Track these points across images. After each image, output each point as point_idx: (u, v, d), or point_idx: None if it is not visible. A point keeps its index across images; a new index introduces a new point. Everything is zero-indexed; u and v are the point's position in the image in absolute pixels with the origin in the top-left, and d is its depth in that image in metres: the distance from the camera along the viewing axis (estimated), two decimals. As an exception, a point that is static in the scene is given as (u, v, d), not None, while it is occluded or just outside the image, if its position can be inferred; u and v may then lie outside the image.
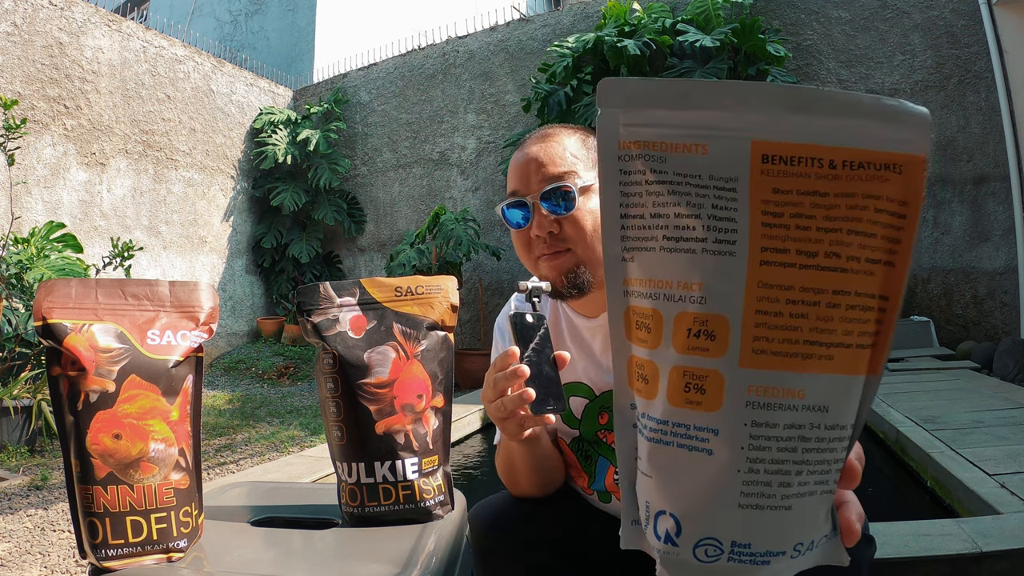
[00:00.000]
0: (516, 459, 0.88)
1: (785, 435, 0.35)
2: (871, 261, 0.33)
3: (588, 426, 0.93)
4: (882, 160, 0.32)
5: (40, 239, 3.73)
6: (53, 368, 0.72)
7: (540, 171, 0.84)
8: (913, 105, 0.31)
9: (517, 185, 0.86)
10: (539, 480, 0.92)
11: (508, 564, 0.87)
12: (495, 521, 0.89)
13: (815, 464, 0.36)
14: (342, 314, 0.91)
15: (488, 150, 6.67)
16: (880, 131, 0.31)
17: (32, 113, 5.04)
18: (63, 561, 1.85)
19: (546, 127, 0.92)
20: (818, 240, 0.32)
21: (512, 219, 0.87)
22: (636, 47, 4.95)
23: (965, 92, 4.94)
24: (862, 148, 0.31)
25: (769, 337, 0.33)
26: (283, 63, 8.66)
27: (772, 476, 0.35)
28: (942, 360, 4.24)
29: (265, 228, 7.23)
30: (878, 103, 0.31)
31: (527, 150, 0.87)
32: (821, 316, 0.33)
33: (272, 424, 3.94)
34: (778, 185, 0.32)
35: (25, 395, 3.19)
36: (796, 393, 0.34)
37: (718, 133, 0.32)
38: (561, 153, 0.85)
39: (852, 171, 0.32)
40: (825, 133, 0.31)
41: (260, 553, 0.78)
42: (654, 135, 0.33)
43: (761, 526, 0.36)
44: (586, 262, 0.84)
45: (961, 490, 1.77)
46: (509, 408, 0.70)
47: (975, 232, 4.90)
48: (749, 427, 0.35)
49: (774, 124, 0.31)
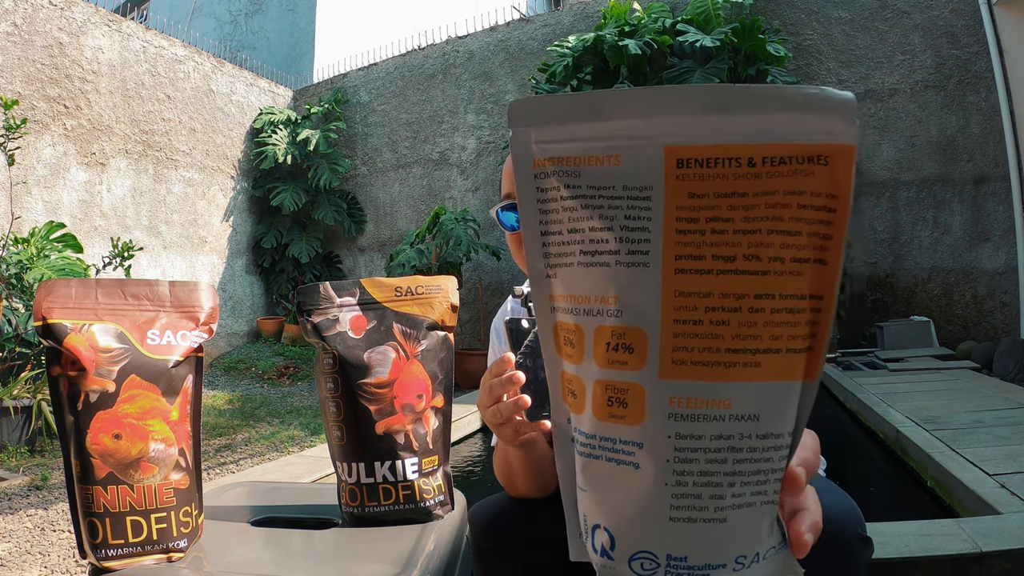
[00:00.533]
0: (513, 463, 0.89)
1: (713, 446, 0.34)
2: (798, 260, 0.31)
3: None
4: (805, 153, 0.30)
5: (40, 239, 3.73)
6: (53, 368, 0.72)
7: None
8: (836, 91, 0.29)
9: (511, 187, 0.87)
10: (536, 482, 0.92)
11: (507, 564, 0.87)
12: (494, 521, 0.89)
13: (749, 475, 0.35)
14: (342, 314, 0.91)
15: (488, 150, 6.67)
16: (802, 123, 0.30)
17: (32, 113, 5.04)
18: (63, 561, 1.85)
19: None
20: (735, 243, 0.31)
21: (506, 221, 0.88)
22: (636, 47, 4.95)
23: (965, 92, 4.94)
24: (783, 142, 0.30)
25: (689, 347, 0.33)
26: (283, 63, 8.66)
27: (702, 488, 0.34)
28: (942, 360, 4.24)
29: (265, 228, 7.23)
30: (797, 93, 0.29)
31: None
32: (744, 322, 0.32)
33: (272, 424, 3.94)
34: (694, 190, 0.31)
35: (25, 395, 3.19)
36: (722, 403, 0.33)
37: (631, 142, 0.31)
38: None
39: (773, 167, 0.30)
40: (742, 131, 0.30)
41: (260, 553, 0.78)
42: (566, 150, 0.33)
43: (696, 539, 0.35)
44: None
45: (961, 490, 1.77)
46: (504, 414, 0.70)
47: (975, 232, 4.90)
48: (673, 439, 0.34)
49: (687, 127, 0.30)
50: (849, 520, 0.69)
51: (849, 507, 0.71)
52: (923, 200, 5.06)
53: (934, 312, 4.95)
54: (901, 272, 5.12)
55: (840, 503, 0.71)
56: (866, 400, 3.04)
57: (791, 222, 0.31)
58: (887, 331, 4.69)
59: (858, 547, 0.68)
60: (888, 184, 5.16)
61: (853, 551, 0.68)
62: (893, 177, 5.15)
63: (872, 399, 3.04)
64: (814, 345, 0.33)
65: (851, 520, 0.69)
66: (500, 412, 0.70)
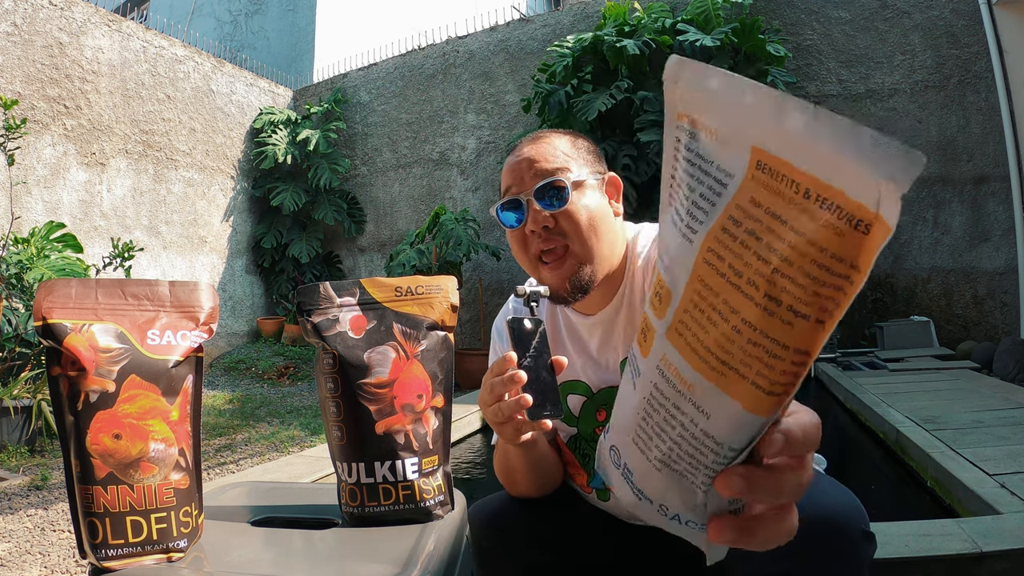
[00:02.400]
0: (514, 461, 0.89)
1: (671, 413, 0.38)
2: (792, 311, 0.30)
3: (586, 423, 0.93)
4: (854, 212, 0.28)
5: (40, 239, 3.73)
6: (53, 368, 0.72)
7: (533, 168, 0.86)
8: (912, 158, 0.27)
9: (511, 182, 0.88)
10: (537, 481, 0.92)
11: (507, 563, 0.87)
12: (494, 520, 0.89)
13: (686, 455, 0.38)
14: (342, 314, 0.91)
15: (488, 150, 6.67)
16: (866, 180, 0.28)
17: (32, 113, 5.04)
18: (63, 561, 1.85)
19: (537, 132, 0.93)
20: (748, 263, 0.31)
21: (507, 220, 0.88)
22: (636, 47, 4.95)
23: (965, 92, 4.94)
24: (842, 190, 0.28)
25: (687, 324, 0.35)
26: (283, 63, 8.66)
27: (652, 437, 0.40)
28: (942, 360, 4.24)
29: (265, 228, 7.23)
30: (879, 142, 0.27)
31: (519, 151, 0.89)
32: (726, 335, 0.33)
33: (272, 424, 3.94)
34: (756, 196, 0.31)
35: (25, 395, 3.19)
36: (687, 384, 0.36)
37: (731, 129, 0.32)
38: (553, 152, 0.87)
39: (820, 209, 0.29)
40: (816, 159, 0.29)
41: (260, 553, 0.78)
42: (696, 110, 0.34)
43: (641, 467, 0.43)
44: (585, 260, 0.85)
45: (961, 490, 1.77)
46: (506, 413, 0.70)
47: (975, 232, 4.90)
48: (651, 387, 0.39)
49: (774, 134, 0.30)
50: (853, 516, 0.69)
51: (852, 504, 0.71)
52: (923, 200, 5.06)
53: (934, 312, 4.95)
54: (901, 272, 5.12)
55: (843, 499, 0.71)
56: (866, 400, 3.04)
57: (802, 273, 0.30)
58: (887, 331, 4.69)
59: (861, 543, 0.69)
60: (888, 184, 5.16)
61: (857, 547, 0.68)
62: (893, 177, 5.15)
63: (872, 399, 3.04)
64: (782, 392, 0.33)
65: (855, 516, 0.69)
66: (501, 411, 0.70)
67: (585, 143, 0.91)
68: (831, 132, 0.28)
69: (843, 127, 0.28)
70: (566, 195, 0.84)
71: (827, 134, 0.28)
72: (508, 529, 0.89)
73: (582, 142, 0.91)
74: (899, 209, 0.28)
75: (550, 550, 0.88)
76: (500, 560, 0.88)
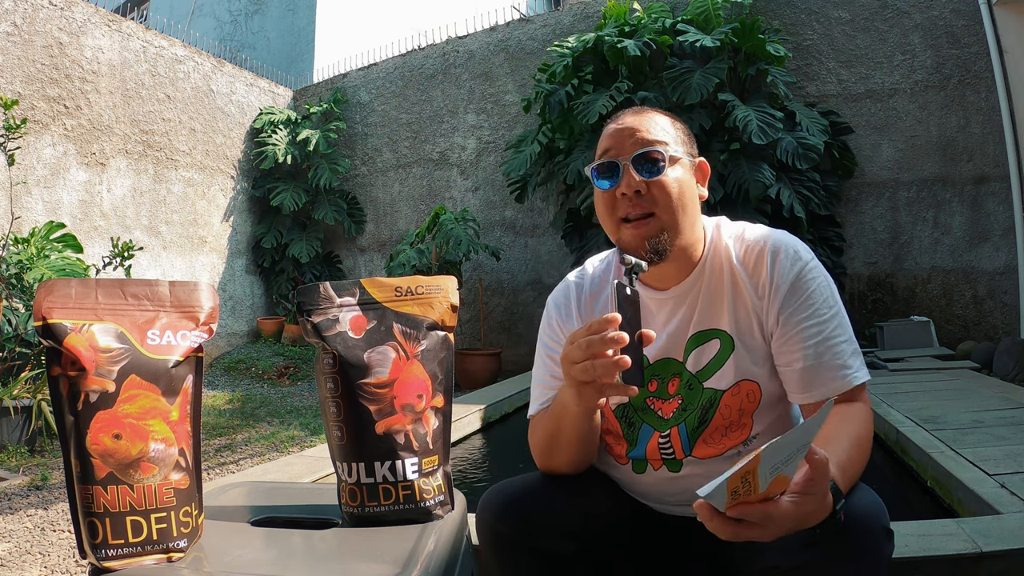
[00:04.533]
0: (566, 429, 0.89)
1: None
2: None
3: (638, 393, 0.94)
4: None
5: (40, 239, 3.73)
6: (53, 368, 0.72)
7: (635, 136, 0.90)
8: None
9: (611, 145, 0.92)
10: (578, 453, 0.93)
11: (523, 551, 0.86)
12: (512, 505, 0.88)
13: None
14: (342, 314, 0.91)
15: (488, 150, 6.67)
16: None
17: (32, 113, 5.04)
18: (63, 561, 1.85)
19: (639, 106, 1.00)
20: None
21: (601, 179, 0.91)
22: (636, 47, 4.95)
23: (965, 92, 4.94)
24: None
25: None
26: (283, 63, 8.66)
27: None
28: (942, 360, 4.24)
29: (265, 228, 7.23)
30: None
31: (622, 119, 0.94)
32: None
33: (272, 424, 3.94)
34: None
35: (25, 395, 3.19)
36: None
37: None
38: (654, 125, 0.92)
39: None
40: None
41: (260, 553, 0.78)
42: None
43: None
44: (668, 228, 0.88)
45: (961, 490, 1.77)
46: (599, 372, 0.70)
47: (975, 232, 4.90)
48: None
49: None
50: (875, 514, 0.71)
51: (875, 502, 0.73)
52: (923, 200, 5.06)
53: (934, 312, 4.95)
54: (901, 272, 5.12)
55: (866, 498, 0.73)
56: (866, 400, 3.04)
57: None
58: (887, 331, 4.69)
59: (883, 540, 0.71)
60: (888, 184, 5.16)
61: (879, 544, 0.69)
62: (893, 177, 5.15)
63: (872, 399, 3.04)
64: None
65: (877, 514, 0.71)
66: (594, 368, 0.70)
67: (682, 126, 0.97)
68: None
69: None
70: (662, 166, 0.88)
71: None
72: (527, 515, 0.87)
73: (680, 124, 0.97)
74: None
75: (572, 539, 0.87)
76: (517, 547, 0.86)
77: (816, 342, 0.85)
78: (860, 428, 0.79)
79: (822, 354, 0.84)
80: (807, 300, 0.86)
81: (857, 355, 0.86)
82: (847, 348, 0.85)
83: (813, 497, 0.61)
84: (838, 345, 0.85)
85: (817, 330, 0.85)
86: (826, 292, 0.88)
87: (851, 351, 0.86)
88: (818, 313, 0.86)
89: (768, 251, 0.90)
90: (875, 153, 5.20)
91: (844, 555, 0.68)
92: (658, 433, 0.93)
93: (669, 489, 0.94)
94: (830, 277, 0.91)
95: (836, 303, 0.88)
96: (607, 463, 1.00)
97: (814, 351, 0.85)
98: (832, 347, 0.84)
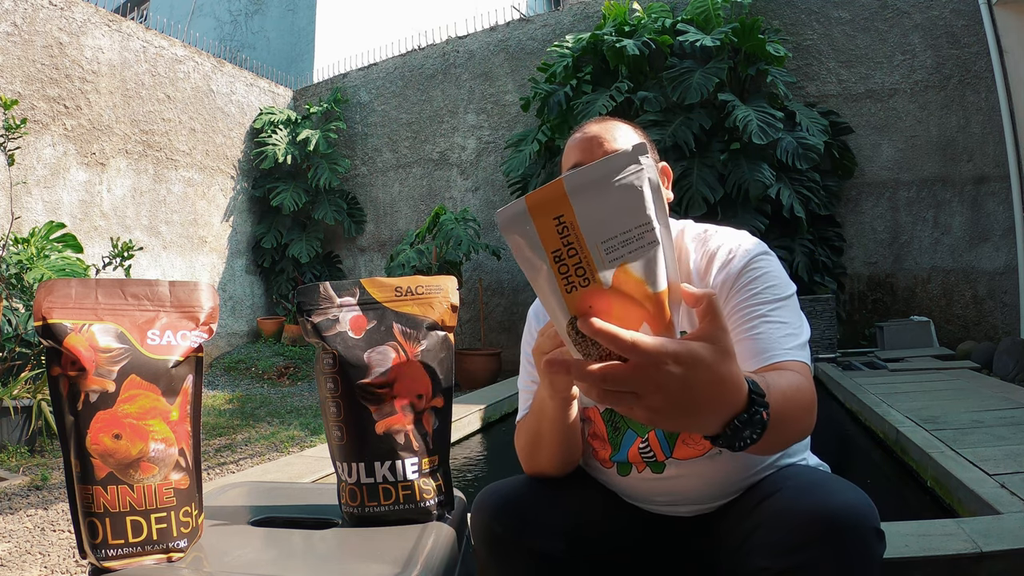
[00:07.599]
0: (546, 426, 0.89)
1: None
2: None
3: None
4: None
5: (40, 239, 3.73)
6: (53, 368, 0.72)
7: (603, 146, 0.93)
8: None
9: (579, 157, 0.94)
10: (562, 454, 0.93)
11: (520, 551, 0.86)
12: (507, 505, 0.88)
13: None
14: (342, 314, 0.91)
15: (488, 150, 6.67)
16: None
17: (32, 113, 5.04)
18: (63, 561, 1.85)
19: (600, 116, 1.02)
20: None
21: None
22: (636, 47, 4.95)
23: (965, 92, 4.94)
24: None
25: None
26: (283, 63, 8.66)
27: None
28: (942, 360, 4.24)
29: (265, 228, 7.23)
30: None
31: (587, 129, 0.97)
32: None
33: (272, 424, 3.94)
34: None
35: (25, 395, 3.19)
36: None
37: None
38: (620, 133, 0.95)
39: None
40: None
41: (260, 553, 0.78)
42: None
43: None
44: None
45: (961, 490, 1.77)
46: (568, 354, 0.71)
47: (975, 232, 4.90)
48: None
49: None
50: (865, 515, 0.70)
51: (864, 502, 0.72)
52: (923, 200, 5.06)
53: (934, 312, 4.95)
54: (901, 272, 5.12)
55: (855, 498, 0.72)
56: (866, 400, 3.04)
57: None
58: (887, 331, 4.69)
59: (874, 541, 0.70)
60: (888, 184, 5.16)
61: (870, 544, 0.69)
62: (893, 177, 5.15)
63: (872, 399, 3.04)
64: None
65: (867, 515, 0.70)
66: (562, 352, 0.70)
67: (643, 132, 1.00)
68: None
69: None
70: None
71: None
72: (522, 514, 0.88)
73: (640, 131, 1.00)
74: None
75: (560, 538, 0.88)
76: (511, 547, 0.87)
77: (753, 323, 0.82)
78: (795, 379, 0.73)
79: (756, 330, 0.81)
80: (749, 285, 0.85)
81: (793, 339, 0.82)
82: (782, 330, 0.81)
83: (709, 346, 0.50)
84: (775, 325, 0.81)
85: (754, 311, 0.83)
86: (773, 280, 0.86)
87: (785, 334, 0.81)
88: (758, 295, 0.84)
89: (718, 255, 0.90)
90: (875, 153, 5.20)
91: (834, 557, 0.68)
92: (640, 438, 0.94)
93: (655, 490, 0.94)
94: (784, 273, 0.90)
95: (784, 292, 0.86)
96: (594, 467, 1.00)
97: (749, 329, 0.82)
98: (771, 328, 0.81)
